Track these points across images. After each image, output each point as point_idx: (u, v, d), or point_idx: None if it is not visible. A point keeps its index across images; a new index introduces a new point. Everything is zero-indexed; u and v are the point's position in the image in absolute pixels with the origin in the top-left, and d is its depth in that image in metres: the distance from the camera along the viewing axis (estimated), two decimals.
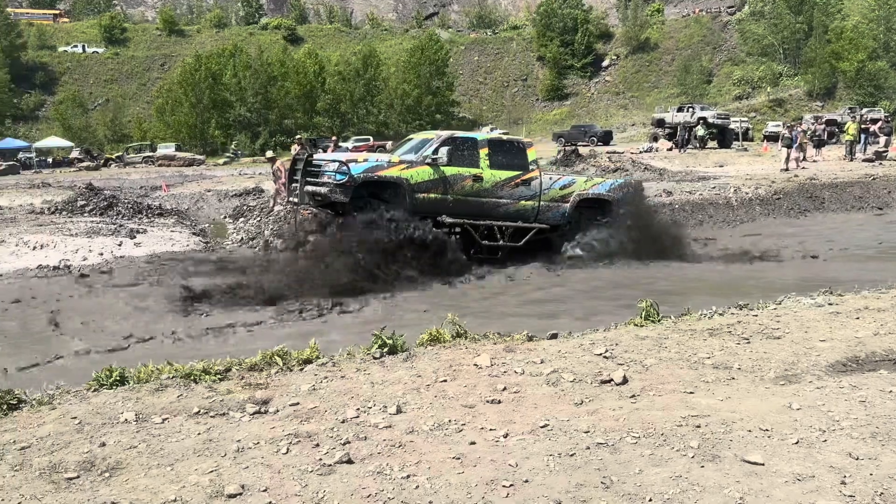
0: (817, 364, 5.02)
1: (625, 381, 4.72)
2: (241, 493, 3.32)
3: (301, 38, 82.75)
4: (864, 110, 44.87)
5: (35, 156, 50.93)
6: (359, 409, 4.35)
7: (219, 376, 4.99)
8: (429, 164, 10.95)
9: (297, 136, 32.04)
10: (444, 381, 4.84)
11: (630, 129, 60.84)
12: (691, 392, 4.55)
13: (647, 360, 5.16)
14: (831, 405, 4.26)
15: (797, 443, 3.76)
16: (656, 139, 42.74)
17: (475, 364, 5.16)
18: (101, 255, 12.18)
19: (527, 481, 3.40)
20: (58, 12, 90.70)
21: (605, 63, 76.27)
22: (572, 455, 3.65)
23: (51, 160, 51.98)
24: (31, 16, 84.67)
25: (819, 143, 32.20)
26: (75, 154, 51.17)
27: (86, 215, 16.50)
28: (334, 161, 10.85)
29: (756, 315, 6.51)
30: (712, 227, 17.66)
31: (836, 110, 50.67)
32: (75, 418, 4.25)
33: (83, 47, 78.93)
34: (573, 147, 32.83)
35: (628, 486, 3.34)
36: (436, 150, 11.02)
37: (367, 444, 3.84)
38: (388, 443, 3.85)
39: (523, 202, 11.65)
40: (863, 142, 31.16)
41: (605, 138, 49.35)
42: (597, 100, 72.67)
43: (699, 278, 10.90)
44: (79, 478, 3.52)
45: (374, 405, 4.41)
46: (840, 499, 3.20)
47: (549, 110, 72.79)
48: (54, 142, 57.31)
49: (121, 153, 53.01)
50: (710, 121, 40.25)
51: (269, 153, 27.13)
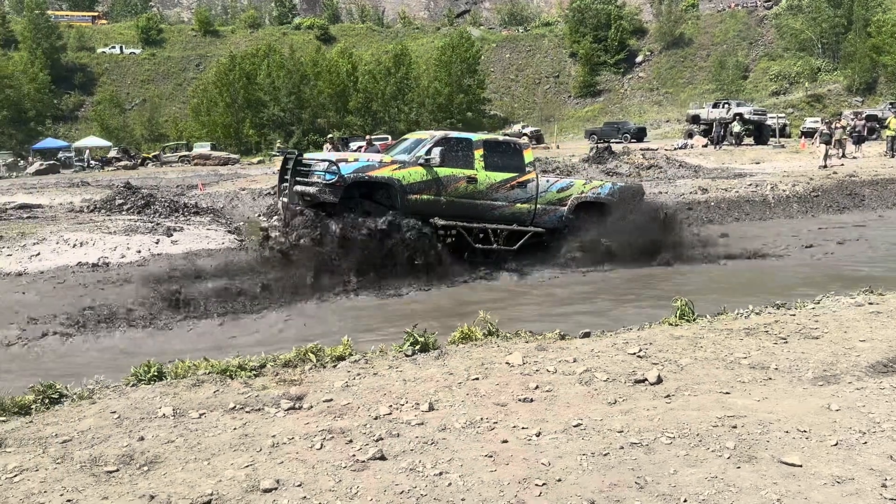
0: (857, 364, 4.92)
1: (659, 380, 4.68)
2: (276, 488, 3.36)
3: (333, 38, 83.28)
4: None
5: (83, 155, 51.97)
6: (391, 406, 4.38)
7: (254, 372, 5.06)
8: (421, 164, 10.68)
9: (329, 136, 32.30)
10: (476, 379, 4.84)
11: (664, 126, 60.10)
12: (727, 392, 4.49)
13: (682, 360, 5.10)
14: (871, 406, 4.18)
15: (836, 444, 3.69)
16: (691, 136, 42.20)
17: (507, 362, 5.15)
18: (139, 252, 12.40)
19: (559, 480, 3.39)
20: (96, 14, 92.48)
21: (638, 59, 75.44)
22: (606, 455, 3.63)
23: (90, 159, 53.02)
24: (71, 18, 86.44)
25: (859, 140, 31.52)
26: (113, 153, 52.18)
27: (124, 213, 16.82)
28: (324, 161, 10.61)
29: (794, 314, 6.40)
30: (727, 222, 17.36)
31: (877, 105, 49.54)
32: (115, 413, 4.34)
33: (121, 48, 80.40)
34: (606, 144, 32.55)
35: (663, 486, 3.31)
36: (429, 151, 10.73)
37: (400, 441, 3.86)
38: (421, 440, 3.87)
39: (519, 205, 11.34)
40: None
41: (639, 135, 48.82)
42: (630, 96, 71.93)
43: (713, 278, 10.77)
44: (118, 471, 3.60)
45: (407, 402, 4.44)
46: (880, 502, 3.14)
47: (582, 107, 72.24)
48: (93, 141, 58.49)
49: (157, 152, 53.91)
50: (747, 117, 39.65)
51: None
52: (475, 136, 11.69)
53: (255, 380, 4.93)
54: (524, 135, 51.46)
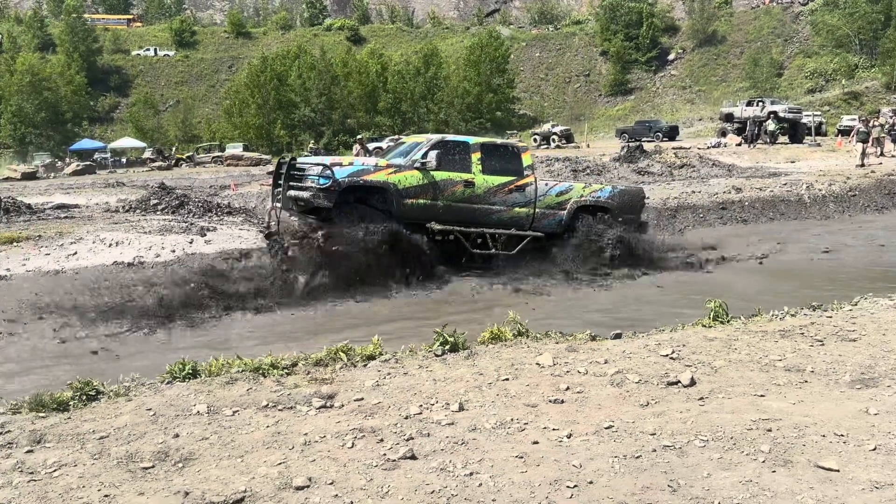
0: None
1: (693, 382, 4.62)
2: (308, 486, 3.39)
3: (363, 39, 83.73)
4: None
5: (112, 157, 52.96)
6: (421, 405, 4.39)
7: (286, 370, 5.11)
8: (417, 168, 10.51)
9: (359, 136, 32.45)
10: (506, 379, 4.84)
11: (697, 124, 59.33)
12: (762, 395, 4.43)
13: (715, 362, 5.04)
14: None
15: (874, 449, 3.62)
16: (724, 134, 41.60)
17: (537, 363, 5.14)
18: (174, 252, 12.57)
19: (591, 482, 3.37)
20: (131, 17, 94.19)
21: (670, 57, 74.62)
22: (638, 457, 3.60)
23: (125, 160, 54.00)
24: (107, 21, 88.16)
25: None
26: (148, 154, 53.04)
27: (158, 214, 17.08)
28: (318, 165, 10.42)
29: (830, 316, 6.29)
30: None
31: None
32: (150, 410, 4.42)
33: (155, 51, 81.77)
34: (637, 143, 32.25)
35: (696, 489, 3.28)
36: (425, 154, 10.55)
37: (430, 441, 3.87)
38: (451, 440, 3.88)
39: (517, 209, 11.16)
40: None
41: (671, 134, 48.24)
42: (662, 94, 71.17)
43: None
44: (154, 467, 3.66)
45: (437, 402, 4.45)
46: None
47: (613, 105, 71.66)
48: (128, 142, 59.54)
49: (191, 153, 54.68)
50: (782, 115, 38.96)
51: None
52: (472, 140, 11.54)
53: (287, 378, 4.99)
54: (554, 134, 51.27)
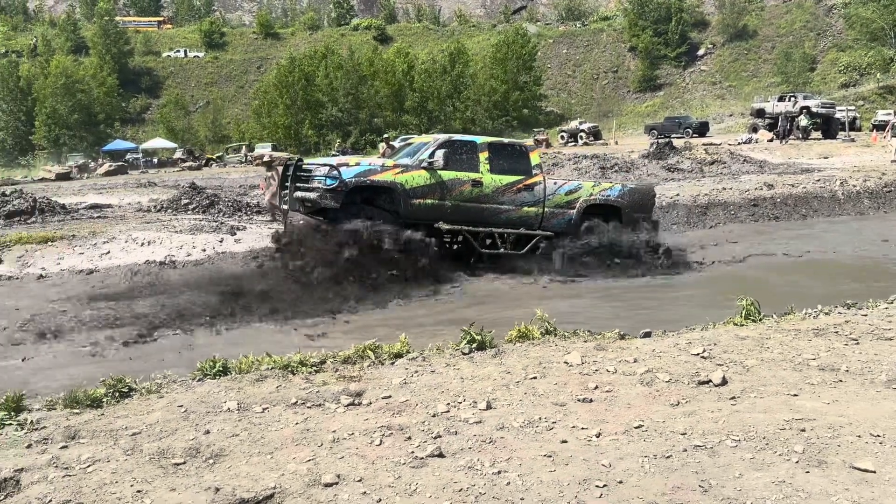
0: None
1: (724, 382, 4.56)
2: (337, 483, 3.41)
3: (390, 38, 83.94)
4: None
5: (143, 157, 53.78)
6: (449, 403, 4.39)
7: (314, 368, 5.15)
8: (425, 168, 10.45)
9: (385, 136, 32.56)
10: (534, 378, 4.82)
11: (727, 120, 58.56)
12: (795, 394, 4.36)
13: (747, 361, 4.97)
14: None
15: None
16: (756, 130, 41.01)
17: (565, 362, 5.11)
18: (204, 251, 12.72)
19: (620, 482, 3.34)
20: (162, 19, 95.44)
21: (700, 52, 73.70)
22: (668, 457, 3.56)
23: (156, 160, 54.77)
24: (138, 24, 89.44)
25: None
26: (178, 154, 53.72)
27: (189, 213, 17.29)
28: (324, 165, 10.40)
29: (865, 315, 6.17)
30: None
31: None
32: (181, 406, 4.47)
33: (185, 52, 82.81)
34: (667, 139, 31.91)
35: (728, 490, 3.23)
36: (432, 154, 10.50)
37: (458, 439, 3.87)
38: (479, 438, 3.87)
39: (526, 208, 11.06)
40: None
41: (701, 130, 47.69)
42: (692, 90, 70.32)
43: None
44: (185, 463, 3.70)
45: (464, 400, 4.44)
46: None
47: (641, 102, 70.99)
48: (159, 143, 60.40)
49: (221, 153, 55.27)
50: (814, 110, 38.31)
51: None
52: (480, 139, 11.46)
53: (315, 375, 5.02)
54: (581, 131, 50.94)
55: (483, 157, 10.92)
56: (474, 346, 5.53)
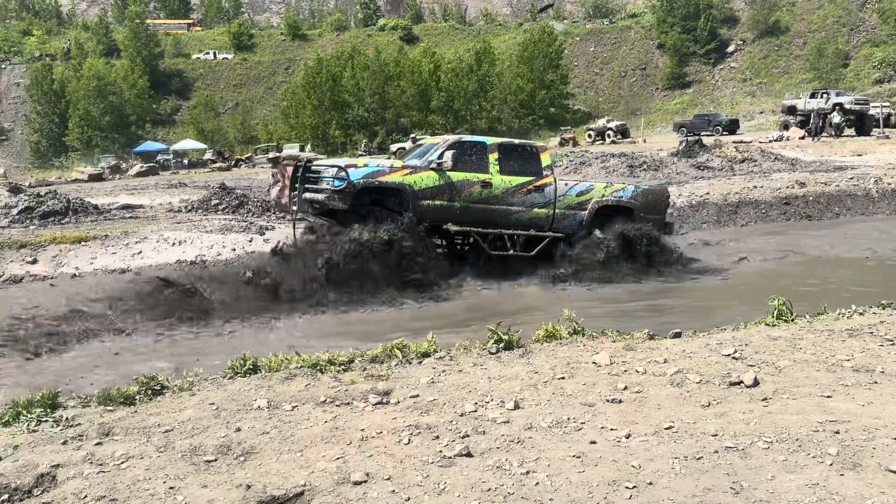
0: None
1: (756, 383, 4.50)
2: (366, 481, 3.42)
3: (417, 38, 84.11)
4: None
5: (174, 158, 54.53)
6: (477, 403, 4.39)
7: (342, 367, 5.18)
8: (433, 169, 10.40)
9: (412, 136, 32.67)
10: (562, 378, 4.80)
11: (758, 118, 57.74)
12: (829, 396, 4.28)
13: (780, 362, 4.90)
14: None
15: None
16: (787, 127, 40.40)
17: (594, 362, 5.08)
18: (234, 250, 12.87)
19: (651, 484, 3.31)
20: (191, 21, 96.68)
21: (730, 49, 72.76)
22: (699, 458, 3.52)
23: (186, 161, 55.50)
24: (168, 26, 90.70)
25: None
26: (208, 155, 54.39)
27: (219, 213, 17.51)
28: (333, 166, 10.40)
29: None
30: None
31: None
32: (213, 404, 4.53)
33: (214, 54, 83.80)
34: (696, 137, 31.56)
35: (760, 492, 3.19)
36: (441, 155, 10.45)
37: (486, 439, 3.87)
38: (507, 438, 3.86)
39: (536, 210, 10.97)
40: None
41: (731, 127, 47.09)
42: (721, 87, 69.47)
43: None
44: (216, 461, 3.75)
45: (492, 400, 4.44)
46: None
47: (670, 99, 70.30)
48: (189, 144, 61.19)
49: (250, 154, 55.83)
50: (847, 107, 37.62)
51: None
52: (489, 140, 11.39)
53: (343, 374, 5.05)
54: (609, 129, 50.61)
55: (493, 158, 10.84)
56: (501, 345, 5.52)
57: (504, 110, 66.98)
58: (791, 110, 42.03)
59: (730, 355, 5.06)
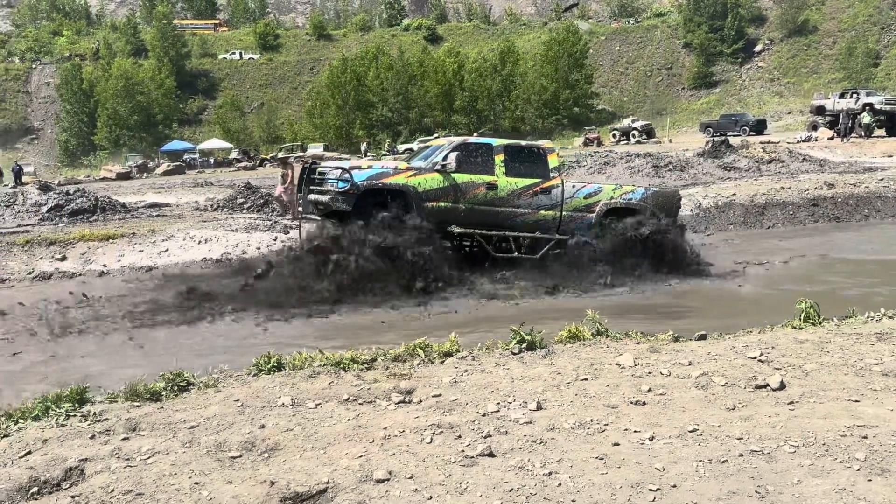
0: None
1: (782, 386, 4.45)
2: (388, 479, 3.44)
3: (441, 38, 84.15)
4: None
5: (200, 157, 55.10)
6: (499, 403, 4.39)
7: (365, 365, 5.20)
8: (438, 171, 10.35)
9: (435, 135, 32.72)
10: (585, 379, 4.78)
11: (786, 118, 57.02)
12: (857, 400, 4.22)
13: (807, 365, 4.83)
14: None
15: None
16: (816, 128, 39.86)
17: (617, 363, 5.05)
18: (259, 249, 12.98)
19: (674, 486, 3.29)
20: (218, 22, 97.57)
21: (757, 48, 71.86)
22: (724, 462, 3.49)
23: (212, 160, 56.02)
24: (195, 26, 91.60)
25: None
26: (234, 155, 54.85)
27: (244, 212, 17.67)
28: (337, 168, 10.44)
29: None
30: None
31: None
32: (238, 401, 4.57)
33: (240, 54, 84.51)
34: (723, 137, 31.23)
35: (786, 496, 3.16)
36: (445, 157, 10.39)
37: (508, 439, 3.86)
38: (529, 438, 3.85)
39: (543, 212, 10.84)
40: None
41: (758, 128, 46.57)
42: (748, 87, 68.66)
43: None
44: (241, 457, 3.79)
45: (514, 400, 4.43)
46: None
47: (696, 99, 69.62)
48: (215, 143, 61.77)
49: (275, 153, 56.21)
50: (878, 107, 37.00)
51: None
52: (496, 142, 11.29)
53: (366, 373, 5.07)
54: (634, 129, 50.27)
55: (499, 159, 10.77)
56: (524, 346, 5.51)
57: (528, 110, 66.75)
58: (820, 110, 41.47)
59: (756, 358, 5.01)
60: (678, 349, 5.37)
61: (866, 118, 35.80)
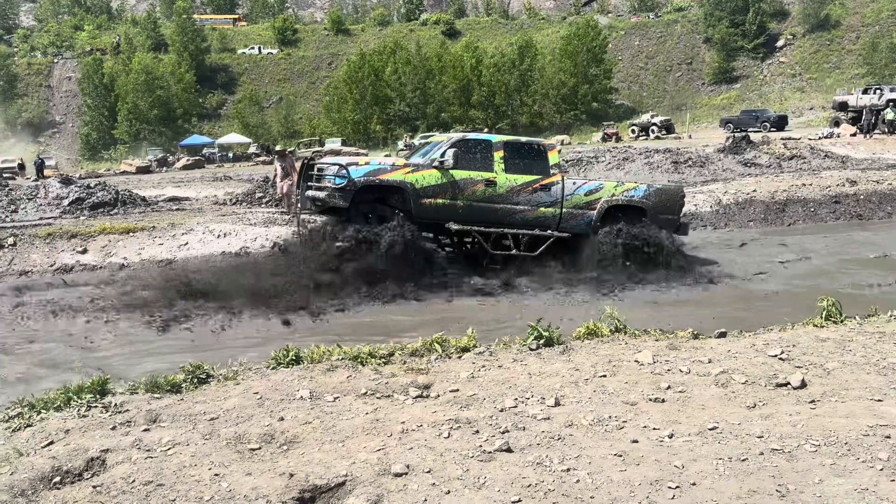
0: None
1: (803, 384, 4.41)
2: (406, 473, 3.45)
3: (459, 32, 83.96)
4: None
5: (219, 152, 55.43)
6: (517, 399, 4.38)
7: (383, 360, 5.22)
8: (436, 167, 10.24)
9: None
10: (604, 376, 4.76)
11: (808, 114, 56.40)
12: (879, 399, 4.17)
13: (828, 364, 4.78)
14: None
15: None
16: (838, 124, 39.36)
17: (636, 360, 5.03)
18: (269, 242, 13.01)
19: (694, 484, 3.27)
20: (237, 17, 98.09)
21: (779, 43, 71.08)
22: (744, 460, 3.47)
23: (231, 155, 56.36)
24: (214, 21, 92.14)
25: None
26: (253, 149, 55.12)
27: (263, 206, 17.75)
28: (335, 164, 10.35)
29: None
30: None
31: None
32: (257, 393, 4.60)
33: (259, 49, 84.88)
34: (744, 133, 30.92)
35: (806, 495, 3.13)
36: (443, 153, 10.28)
37: (526, 435, 3.86)
38: (547, 434, 3.85)
39: (542, 209, 10.70)
40: None
41: (779, 124, 46.01)
42: (770, 82, 67.93)
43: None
44: (260, 449, 3.81)
45: (532, 396, 4.42)
46: None
47: (717, 94, 68.98)
48: (234, 138, 62.12)
49: (293, 148, 56.41)
50: None
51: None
52: (495, 138, 11.18)
53: (384, 367, 5.09)
54: (653, 124, 49.91)
55: (498, 156, 10.67)
56: (542, 342, 5.50)
57: (546, 105, 66.48)
58: (842, 106, 40.96)
59: (776, 356, 4.96)
60: (698, 346, 5.34)
61: (890, 114, 35.26)
